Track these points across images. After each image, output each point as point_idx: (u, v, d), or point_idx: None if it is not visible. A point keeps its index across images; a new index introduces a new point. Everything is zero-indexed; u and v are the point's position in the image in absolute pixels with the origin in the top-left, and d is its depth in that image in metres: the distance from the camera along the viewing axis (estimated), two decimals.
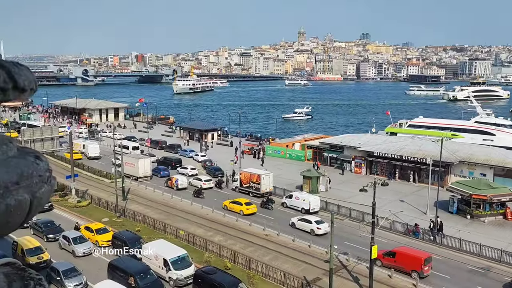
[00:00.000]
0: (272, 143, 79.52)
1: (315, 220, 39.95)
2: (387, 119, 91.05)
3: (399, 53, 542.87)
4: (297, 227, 39.98)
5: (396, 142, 62.97)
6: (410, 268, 30.83)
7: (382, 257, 32.28)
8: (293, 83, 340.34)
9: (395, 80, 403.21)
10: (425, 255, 31.81)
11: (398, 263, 31.55)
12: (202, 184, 52.54)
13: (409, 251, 32.59)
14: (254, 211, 44.35)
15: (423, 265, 30.51)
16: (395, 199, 49.20)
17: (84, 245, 34.22)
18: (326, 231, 37.32)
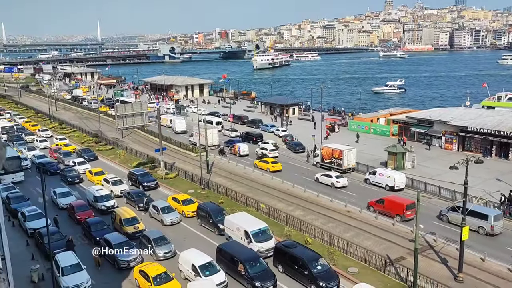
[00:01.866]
0: (356, 118, 77.15)
1: (335, 175, 45.71)
2: (483, 91, 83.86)
3: (499, 19, 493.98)
4: (320, 182, 45.88)
5: (494, 116, 57.80)
6: (395, 213, 35.95)
7: (374, 204, 37.73)
8: (388, 54, 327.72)
9: (494, 48, 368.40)
10: (407, 201, 36.09)
11: (386, 209, 36.72)
12: (268, 153, 55.64)
13: (394, 198, 37.50)
14: (280, 168, 50.45)
15: (405, 210, 35.29)
16: (491, 177, 45.53)
17: (171, 215, 36.05)
18: (345, 185, 44.57)
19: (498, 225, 32.83)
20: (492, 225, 32.46)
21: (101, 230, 32.55)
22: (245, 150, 58.07)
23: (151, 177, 45.84)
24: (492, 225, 32.46)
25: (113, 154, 58.82)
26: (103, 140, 65.99)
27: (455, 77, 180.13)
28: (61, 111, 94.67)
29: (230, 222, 32.43)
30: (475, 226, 32.64)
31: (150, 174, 46.79)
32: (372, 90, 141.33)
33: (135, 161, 54.27)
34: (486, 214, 33.01)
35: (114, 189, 42.83)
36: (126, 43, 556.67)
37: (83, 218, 35.33)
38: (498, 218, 33.04)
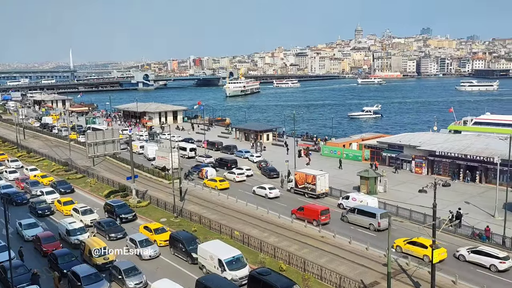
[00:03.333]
0: (328, 143, 78.21)
1: (269, 187, 50.38)
2: (450, 116, 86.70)
3: (463, 47, 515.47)
4: (257, 194, 50.73)
5: (460, 140, 59.66)
6: (312, 218, 40.68)
7: (296, 211, 42.55)
8: (366, 81, 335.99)
9: (459, 75, 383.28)
10: (322, 208, 41.47)
11: (305, 215, 41.41)
12: (235, 177, 57.24)
13: (311, 206, 42.86)
14: (227, 186, 53.52)
15: (320, 215, 40.30)
16: (459, 200, 46.54)
17: (150, 249, 34.02)
18: (277, 195, 49.77)
19: (384, 222, 37.78)
20: (379, 221, 38.64)
21: (69, 262, 31.38)
22: (212, 174, 58.34)
23: (129, 209, 44.18)
24: (379, 221, 38.64)
25: (84, 183, 57.46)
26: (73, 168, 64.46)
27: (424, 102, 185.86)
28: (30, 139, 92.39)
29: (203, 250, 31.91)
30: (367, 224, 39.71)
31: (128, 206, 45.30)
32: (348, 115, 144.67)
33: (106, 189, 53.11)
34: (374, 213, 39.70)
35: (84, 219, 41.63)
36: (99, 70, 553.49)
37: (50, 250, 34.03)
38: (383, 216, 38.74)
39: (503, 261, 31.00)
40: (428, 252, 29.37)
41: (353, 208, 41.95)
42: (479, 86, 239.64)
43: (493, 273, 30.63)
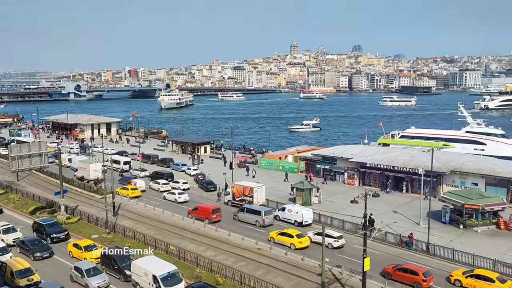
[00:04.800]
0: (265, 155, 79.27)
1: (178, 192, 54.15)
2: (379, 130, 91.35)
3: (390, 65, 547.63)
4: (167, 199, 54.00)
5: (389, 152, 62.96)
6: (205, 216, 45.03)
7: (191, 211, 46.72)
8: (309, 95, 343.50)
9: (387, 91, 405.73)
10: (213, 207, 46.21)
11: (199, 214, 45.56)
12: (160, 187, 58.19)
13: (204, 205, 47.39)
14: (139, 194, 55.11)
15: (211, 213, 44.80)
16: (388, 210, 48.95)
17: (99, 278, 31.00)
18: (186, 200, 52.79)
19: (269, 218, 44.15)
20: (264, 218, 43.71)
21: None
22: (141, 185, 58.11)
23: (61, 227, 41.26)
24: (264, 218, 43.71)
25: (6, 199, 53.56)
26: None
27: (356, 116, 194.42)
28: None
29: (137, 267, 30.86)
30: (253, 220, 44.50)
31: (60, 224, 42.51)
32: (288, 128, 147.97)
33: (32, 205, 49.86)
34: (259, 210, 44.76)
35: (5, 238, 38.75)
36: (26, 79, 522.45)
37: None
38: (268, 213, 44.63)
39: (337, 240, 38.11)
40: (294, 241, 37.96)
41: (243, 208, 46.77)
42: (399, 102, 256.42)
43: (330, 250, 36.91)
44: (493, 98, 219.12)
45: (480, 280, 30.23)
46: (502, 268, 32.80)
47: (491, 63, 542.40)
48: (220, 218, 45.85)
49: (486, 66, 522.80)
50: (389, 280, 31.49)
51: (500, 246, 38.32)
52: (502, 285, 29.44)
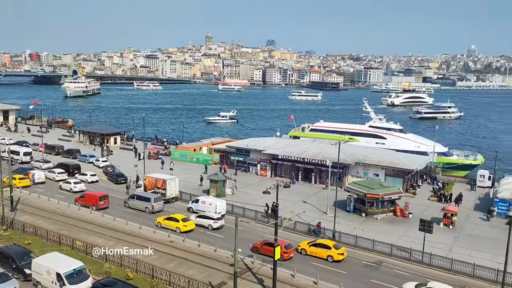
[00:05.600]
0: (179, 147, 78.17)
1: (74, 181, 52.94)
2: (291, 123, 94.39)
3: (302, 60, 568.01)
4: (63, 188, 52.61)
5: (299, 145, 65.48)
6: (92, 203, 45.49)
7: (78, 199, 46.74)
8: (227, 87, 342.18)
9: (299, 85, 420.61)
10: (100, 194, 46.66)
11: (86, 201, 45.84)
12: (55, 176, 56.25)
13: (91, 193, 47.89)
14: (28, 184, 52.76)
15: (98, 200, 45.35)
16: (298, 200, 50.98)
17: (7, 285, 27.58)
18: (82, 189, 51.22)
19: (158, 205, 45.50)
20: (153, 205, 44.99)
21: None
22: (40, 177, 55.51)
23: None
24: (153, 205, 44.99)
25: None
26: None
27: (269, 110, 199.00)
28: None
29: (38, 265, 28.81)
30: (143, 207, 45.47)
31: None
32: (205, 120, 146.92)
33: None
34: (149, 197, 45.80)
35: None
36: None
37: None
38: (157, 200, 45.84)
39: (216, 221, 41.12)
40: (179, 225, 39.83)
41: (133, 195, 47.77)
42: (306, 96, 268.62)
43: (210, 231, 40.31)
44: (398, 95, 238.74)
45: (320, 247, 35.31)
46: (398, 252, 35.88)
47: (391, 63, 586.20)
48: (108, 205, 46.15)
49: (387, 65, 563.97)
50: (257, 254, 34.72)
51: (396, 231, 41.79)
52: (337, 250, 34.86)
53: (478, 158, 74.37)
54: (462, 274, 32.70)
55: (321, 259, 34.86)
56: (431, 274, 32.90)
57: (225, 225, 40.96)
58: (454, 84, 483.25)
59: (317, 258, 34.93)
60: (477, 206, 50.92)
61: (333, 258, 34.60)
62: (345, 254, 35.27)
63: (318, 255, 35.06)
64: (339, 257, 34.74)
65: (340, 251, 35.05)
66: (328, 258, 34.75)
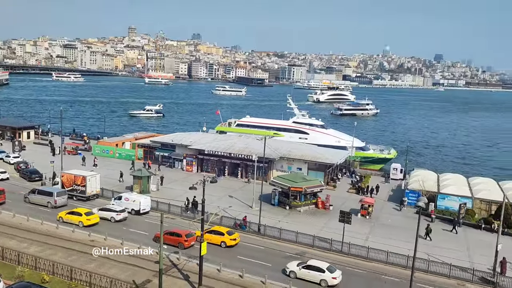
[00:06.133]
0: (100, 142, 74.84)
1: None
2: (217, 118, 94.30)
3: (228, 55, 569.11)
4: None
5: (226, 140, 65.67)
6: None
7: None
8: (154, 81, 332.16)
9: (225, 80, 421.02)
10: None
11: None
12: None
13: None
14: None
15: None
16: (224, 195, 51.20)
17: None
18: None
19: (61, 200, 44.15)
20: (56, 199, 43.68)
21: None
22: None
23: None
24: (56, 199, 43.68)
25: None
26: None
27: (196, 104, 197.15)
28: None
29: None
30: (45, 202, 43.83)
31: None
32: (129, 113, 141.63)
33: None
34: (51, 191, 44.47)
35: None
36: None
37: None
38: (60, 194, 44.59)
39: (119, 213, 41.01)
40: (82, 219, 39.21)
41: (33, 189, 45.77)
42: (230, 91, 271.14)
43: (113, 223, 40.45)
44: (323, 92, 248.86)
45: (214, 234, 36.52)
46: (319, 243, 37.45)
47: (314, 61, 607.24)
48: (5, 200, 43.99)
49: (310, 63, 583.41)
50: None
51: (317, 223, 43.54)
52: (230, 236, 36.69)
53: (391, 152, 79.55)
54: (377, 261, 34.91)
55: (215, 245, 35.81)
56: (349, 262, 34.77)
57: (146, 220, 40.02)
58: (371, 82, 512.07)
59: (212, 244, 35.37)
60: (391, 197, 54.59)
61: (226, 243, 36.17)
62: (237, 240, 36.82)
63: (213, 241, 35.95)
64: (232, 242, 36.45)
65: (233, 237, 36.70)
66: (222, 243, 36.02)
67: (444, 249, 37.73)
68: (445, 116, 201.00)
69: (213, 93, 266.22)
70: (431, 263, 33.51)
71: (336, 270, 31.24)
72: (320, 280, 30.67)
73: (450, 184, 51.22)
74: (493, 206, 46.59)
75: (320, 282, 30.69)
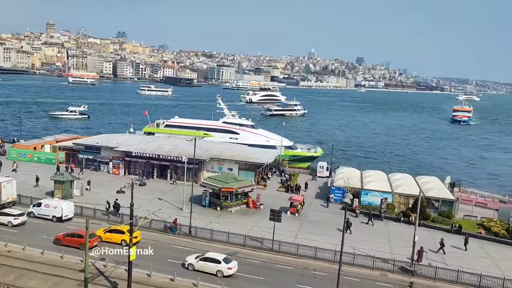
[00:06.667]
0: (16, 145, 69.66)
1: None
2: (145, 119, 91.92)
3: (155, 55, 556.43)
4: None
5: (154, 141, 64.14)
6: None
7: None
8: (78, 80, 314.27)
9: (152, 80, 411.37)
10: None
11: None
12: None
13: None
14: None
15: None
16: (154, 197, 50.00)
17: None
18: None
19: None
20: None
21: None
22: None
23: None
24: None
25: None
26: None
27: (123, 105, 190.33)
28: None
29: None
30: None
31: None
32: (50, 114, 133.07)
33: None
34: None
35: None
36: None
37: None
38: None
39: (16, 217, 39.39)
40: None
41: None
42: (156, 91, 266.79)
43: (10, 228, 38.58)
44: (255, 93, 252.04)
45: (115, 233, 36.58)
46: (251, 242, 37.82)
47: (243, 61, 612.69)
48: None
49: (239, 64, 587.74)
50: (60, 246, 34.74)
51: (248, 223, 43.92)
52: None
53: (318, 150, 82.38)
54: (306, 257, 35.98)
55: (116, 243, 35.21)
56: (280, 260, 35.49)
57: (68, 227, 37.98)
58: (297, 83, 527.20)
59: (112, 243, 35.11)
60: (318, 195, 56.56)
61: (126, 242, 35.13)
62: (139, 238, 36.32)
63: (113, 240, 35.75)
64: (133, 240, 35.47)
65: (134, 235, 35.84)
66: (122, 242, 35.28)
67: (368, 242, 39.75)
68: (367, 116, 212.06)
69: (138, 93, 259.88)
70: (357, 256, 35.18)
71: (232, 261, 32.72)
72: (216, 271, 32.03)
73: (372, 181, 54.15)
74: (410, 200, 49.90)
75: (216, 273, 31.96)
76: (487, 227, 45.40)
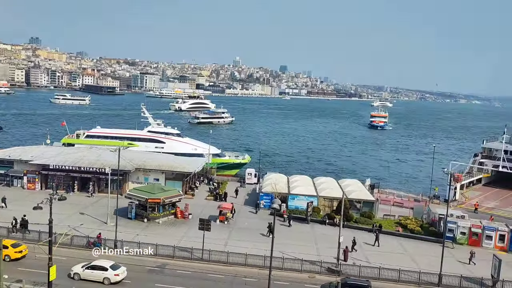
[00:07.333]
0: None
1: None
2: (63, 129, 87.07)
3: (73, 62, 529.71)
4: None
5: (74, 153, 60.88)
6: None
7: None
8: None
9: (70, 89, 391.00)
10: None
11: None
12: None
13: None
14: None
15: None
16: (75, 212, 47.36)
17: None
18: None
19: None
20: None
21: None
22: None
23: None
24: None
25: None
26: None
27: (38, 115, 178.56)
28: None
29: None
30: None
31: None
32: None
33: None
34: None
35: None
36: None
37: None
38: None
39: None
40: None
41: None
42: (72, 100, 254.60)
43: None
44: (185, 101, 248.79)
45: None
46: (180, 253, 37.12)
47: (167, 69, 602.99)
48: None
49: (163, 71, 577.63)
50: None
51: (177, 233, 43.07)
52: (14, 249, 34.70)
53: (246, 157, 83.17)
54: (236, 264, 36.05)
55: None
56: (211, 269, 35.21)
57: None
58: (223, 91, 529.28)
59: None
60: (247, 201, 57.00)
61: (10, 257, 34.08)
62: (24, 252, 35.04)
63: None
64: (17, 255, 34.73)
65: (19, 249, 35.00)
66: (6, 257, 33.11)
67: (296, 246, 40.73)
68: (292, 123, 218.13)
69: (51, 102, 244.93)
70: (286, 260, 35.90)
71: (120, 267, 32.60)
72: (103, 278, 31.74)
73: (299, 185, 55.74)
74: (334, 203, 52.04)
75: (103, 281, 31.69)
76: (404, 224, 48.61)
